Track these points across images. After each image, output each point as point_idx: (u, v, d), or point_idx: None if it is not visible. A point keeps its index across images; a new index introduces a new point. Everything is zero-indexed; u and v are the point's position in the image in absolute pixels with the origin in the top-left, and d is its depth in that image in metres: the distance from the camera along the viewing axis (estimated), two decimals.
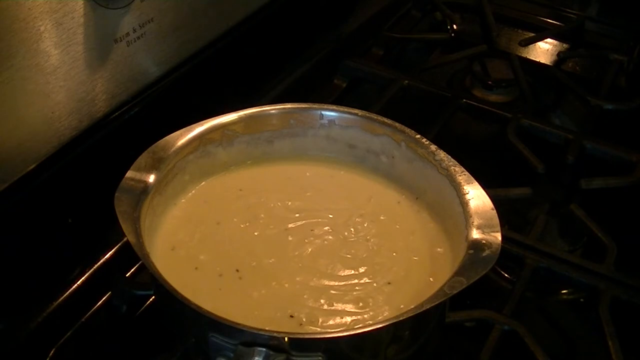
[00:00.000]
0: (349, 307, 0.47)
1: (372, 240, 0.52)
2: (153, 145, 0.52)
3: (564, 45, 0.84)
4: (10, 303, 0.53)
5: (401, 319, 0.41)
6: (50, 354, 0.51)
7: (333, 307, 0.47)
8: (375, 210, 0.55)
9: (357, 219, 0.54)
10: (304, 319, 0.46)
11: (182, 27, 0.63)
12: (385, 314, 0.46)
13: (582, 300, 0.60)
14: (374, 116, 0.57)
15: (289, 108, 0.57)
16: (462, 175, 0.51)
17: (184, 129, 0.54)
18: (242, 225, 0.53)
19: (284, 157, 0.58)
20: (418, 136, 0.54)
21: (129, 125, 0.61)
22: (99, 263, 0.57)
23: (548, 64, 0.82)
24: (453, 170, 0.51)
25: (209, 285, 0.48)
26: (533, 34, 0.85)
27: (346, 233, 0.53)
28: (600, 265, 0.57)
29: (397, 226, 0.53)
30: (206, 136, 0.54)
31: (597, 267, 0.57)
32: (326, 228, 0.53)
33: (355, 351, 0.42)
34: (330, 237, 0.52)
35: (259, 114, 0.57)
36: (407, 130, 0.55)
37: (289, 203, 0.55)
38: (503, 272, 0.60)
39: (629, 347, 0.51)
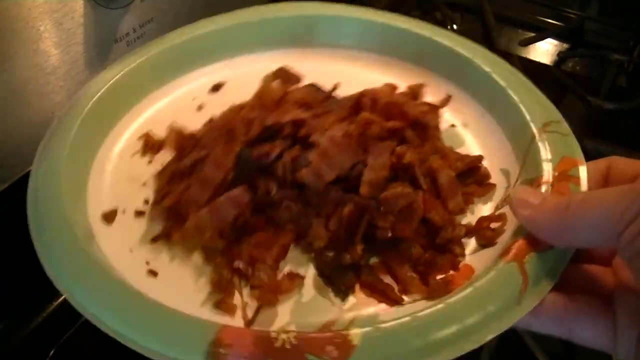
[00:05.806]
0: None
1: None
2: None
3: (564, 45, 0.84)
4: (10, 303, 0.53)
5: None
6: (50, 354, 0.51)
7: None
8: None
9: None
10: None
11: (182, 27, 0.63)
12: None
13: None
14: None
15: None
16: None
17: None
18: None
19: None
20: None
21: None
22: None
23: (548, 64, 0.82)
24: None
25: None
26: (533, 34, 0.85)
27: None
28: None
29: None
30: None
31: None
32: None
33: None
34: None
35: None
36: None
37: None
38: None
39: None
